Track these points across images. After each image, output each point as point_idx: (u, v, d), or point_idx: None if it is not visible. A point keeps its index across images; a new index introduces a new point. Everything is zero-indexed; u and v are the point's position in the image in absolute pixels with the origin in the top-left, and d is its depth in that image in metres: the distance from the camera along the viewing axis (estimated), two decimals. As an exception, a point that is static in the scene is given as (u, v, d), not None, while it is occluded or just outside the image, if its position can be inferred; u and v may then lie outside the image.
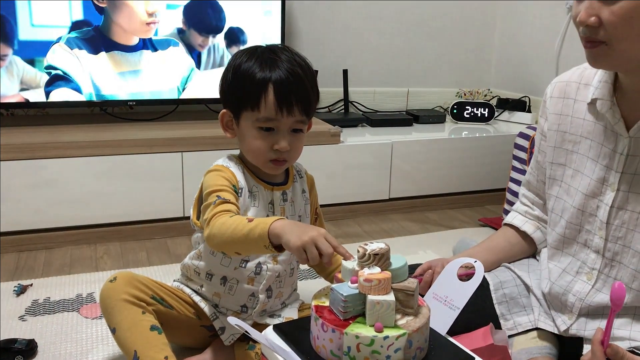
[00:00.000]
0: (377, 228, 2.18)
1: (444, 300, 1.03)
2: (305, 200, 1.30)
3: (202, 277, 1.24)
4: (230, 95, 1.18)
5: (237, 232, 1.01)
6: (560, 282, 1.20)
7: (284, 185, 1.25)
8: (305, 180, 1.32)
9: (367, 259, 0.91)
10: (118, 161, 1.94)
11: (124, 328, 1.12)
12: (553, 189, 1.25)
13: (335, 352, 0.88)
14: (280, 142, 1.15)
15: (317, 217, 1.36)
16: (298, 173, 1.31)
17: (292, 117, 1.14)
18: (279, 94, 1.12)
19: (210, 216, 1.07)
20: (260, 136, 1.15)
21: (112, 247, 1.94)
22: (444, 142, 2.40)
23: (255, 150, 1.17)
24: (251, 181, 1.21)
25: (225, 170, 1.18)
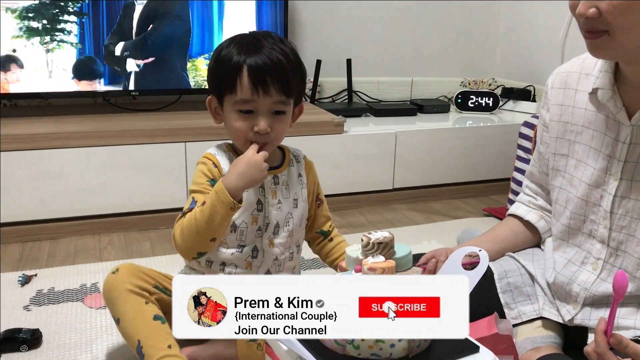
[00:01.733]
0: (381, 218, 2.18)
1: (448, 289, 1.02)
2: (301, 184, 1.29)
3: (203, 264, 1.24)
4: (212, 81, 1.20)
5: (198, 222, 1.08)
6: (565, 272, 1.19)
7: (277, 168, 1.25)
8: (302, 165, 1.31)
9: (371, 248, 0.91)
10: (121, 151, 1.93)
11: (128, 318, 1.12)
12: (556, 180, 1.24)
13: (340, 341, 0.87)
14: (259, 123, 1.15)
15: (319, 203, 1.34)
16: (295, 157, 1.30)
17: (270, 97, 1.14)
18: (253, 74, 1.12)
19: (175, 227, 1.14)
20: (239, 118, 1.16)
21: (115, 237, 1.94)
22: (448, 132, 2.39)
23: (236, 133, 1.17)
24: None
25: (210, 161, 1.19)
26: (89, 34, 2.08)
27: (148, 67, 2.17)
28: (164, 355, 1.08)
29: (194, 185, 1.18)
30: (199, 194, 1.15)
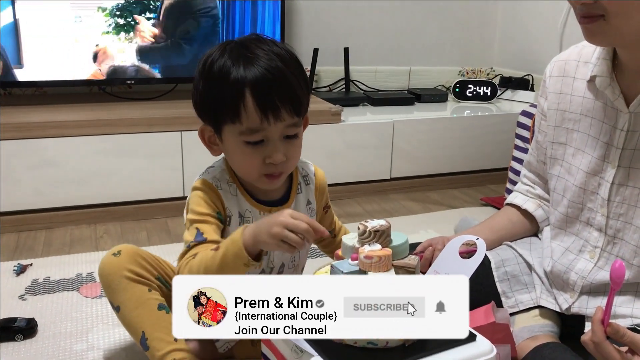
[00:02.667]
0: (378, 208, 2.17)
1: (446, 278, 1.01)
2: (310, 212, 1.16)
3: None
4: (205, 108, 1.03)
5: (208, 268, 0.93)
6: (563, 260, 1.19)
7: (285, 203, 1.12)
8: (312, 188, 1.17)
9: (368, 236, 0.90)
10: (117, 140, 1.92)
11: (130, 307, 1.07)
12: (554, 168, 1.24)
13: (336, 330, 0.87)
14: (273, 155, 1.00)
15: (327, 210, 1.24)
16: (304, 179, 1.16)
17: (281, 122, 0.98)
18: (259, 97, 0.96)
19: (179, 267, 1.00)
20: (248, 152, 1.00)
21: (111, 227, 1.93)
22: (446, 121, 2.38)
23: (246, 168, 1.04)
24: (244, 204, 1.08)
25: (212, 192, 1.05)
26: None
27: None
28: (172, 350, 1.05)
29: (194, 215, 1.03)
30: (204, 225, 1.02)
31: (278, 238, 0.88)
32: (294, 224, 0.88)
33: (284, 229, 0.88)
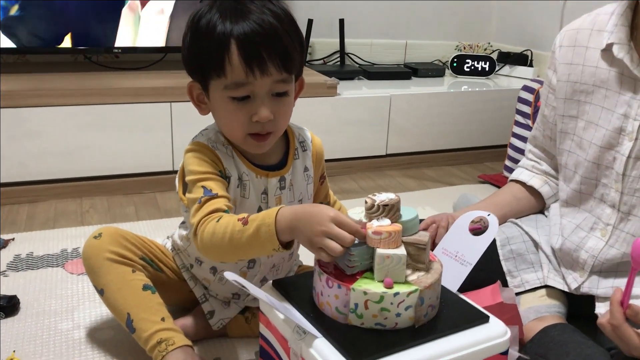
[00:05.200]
0: (373, 184, 2.12)
1: (454, 256, 0.96)
2: (307, 179, 1.10)
3: (192, 259, 1.13)
4: (192, 62, 0.98)
5: (234, 241, 0.86)
6: (573, 238, 1.14)
7: (282, 168, 1.06)
8: (309, 154, 1.11)
9: (376, 210, 0.84)
10: (104, 111, 1.84)
11: (114, 289, 1.04)
12: (565, 143, 1.19)
13: (341, 309, 0.81)
14: (259, 111, 0.94)
15: (322, 181, 1.18)
16: (301, 145, 1.09)
17: (268, 76, 0.93)
18: (244, 49, 0.90)
19: (197, 223, 0.91)
20: (234, 108, 0.95)
21: (98, 201, 1.86)
22: (443, 97, 2.32)
23: (230, 126, 0.97)
24: (241, 167, 1.02)
25: (209, 152, 0.99)
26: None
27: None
28: (159, 330, 1.01)
29: (194, 175, 0.96)
30: (209, 182, 0.95)
31: (318, 246, 0.81)
32: (340, 237, 0.79)
33: (326, 237, 0.80)
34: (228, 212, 0.93)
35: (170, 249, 1.18)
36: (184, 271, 1.15)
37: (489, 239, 0.94)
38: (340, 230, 0.80)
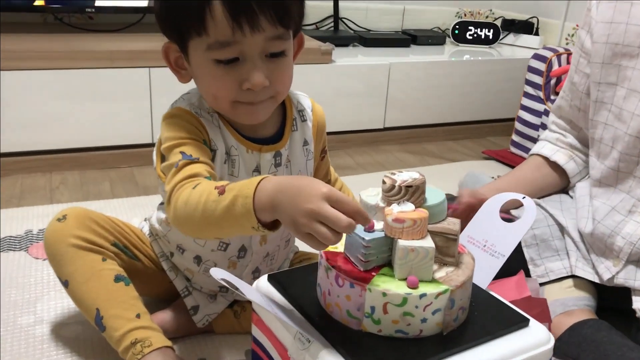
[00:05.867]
0: (370, 160, 1.97)
1: (483, 246, 0.82)
2: (307, 154, 0.95)
3: (173, 246, 0.98)
4: (166, 18, 0.82)
5: (207, 213, 0.70)
6: (608, 221, 1.00)
7: (278, 142, 0.90)
8: (309, 125, 0.95)
9: (397, 193, 0.69)
10: (76, 77, 1.67)
11: (81, 280, 0.89)
12: (600, 114, 1.04)
13: (354, 313, 0.67)
14: (251, 76, 0.78)
15: (323, 156, 1.02)
16: (300, 114, 0.94)
17: (260, 32, 0.76)
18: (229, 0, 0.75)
19: (171, 190, 0.76)
20: (220, 74, 0.79)
21: (69, 176, 1.70)
22: (444, 66, 2.15)
23: (215, 95, 0.81)
24: (229, 139, 0.86)
25: (192, 118, 0.84)
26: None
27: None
28: (133, 328, 0.86)
29: (172, 141, 0.81)
30: (188, 147, 0.80)
31: (304, 230, 0.62)
32: (333, 218, 0.61)
33: (315, 221, 0.61)
34: (210, 179, 0.78)
35: (147, 235, 1.02)
36: (164, 260, 1.00)
37: (525, 227, 0.79)
38: (333, 211, 0.61)
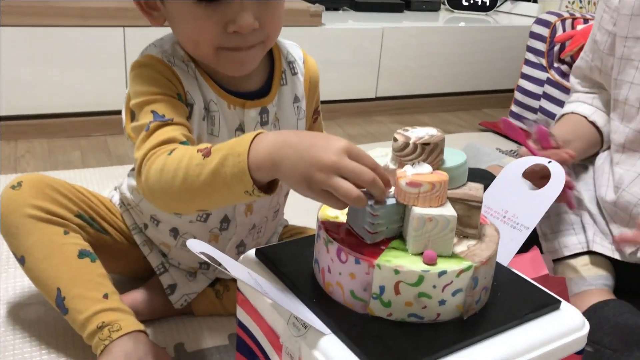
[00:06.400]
0: (362, 131, 1.86)
1: (503, 217, 0.72)
2: (298, 112, 0.84)
3: (146, 217, 0.87)
4: None
5: (190, 180, 0.60)
6: (634, 189, 0.91)
7: (264, 97, 0.80)
8: (301, 79, 0.84)
9: (411, 152, 0.58)
10: (42, 35, 1.53)
11: (39, 256, 0.78)
12: (626, 72, 0.94)
13: (359, 294, 0.56)
14: (238, 18, 0.68)
15: (316, 117, 0.91)
16: (290, 66, 0.83)
17: None
18: None
19: (142, 157, 0.66)
20: (200, 14, 0.68)
21: (37, 144, 1.57)
22: (438, 33, 2.04)
23: (196, 40, 0.71)
24: (208, 92, 0.76)
25: (164, 68, 0.73)
26: None
27: None
28: (100, 310, 0.76)
29: (141, 97, 0.71)
30: (159, 104, 0.70)
31: (320, 187, 0.53)
32: (357, 171, 0.52)
33: (335, 175, 0.53)
34: (187, 144, 0.67)
35: (118, 205, 0.91)
36: (136, 234, 0.89)
37: (552, 195, 0.69)
38: (356, 164, 0.53)
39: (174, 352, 0.85)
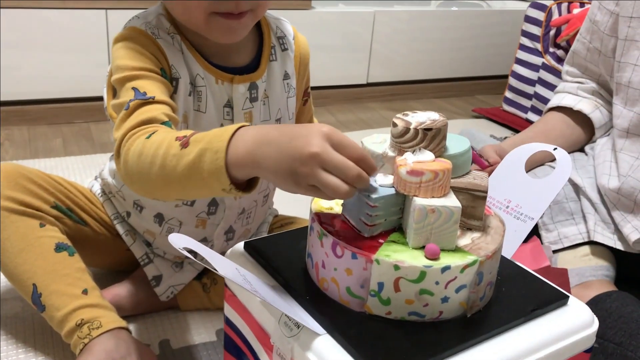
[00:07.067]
0: (353, 118, 1.82)
1: (506, 207, 0.68)
2: (288, 90, 0.81)
3: (129, 204, 0.82)
4: None
5: (167, 170, 0.57)
6: (638, 174, 0.88)
7: (253, 72, 0.76)
8: (291, 55, 0.81)
9: (412, 138, 0.54)
10: (22, 18, 1.48)
11: (13, 251, 0.74)
12: (630, 54, 0.91)
13: (356, 291, 0.52)
14: None
15: (306, 99, 0.89)
16: (280, 42, 0.80)
17: None
18: None
19: (120, 138, 0.62)
20: None
21: (17, 131, 1.52)
22: (430, 17, 2.00)
23: (188, 4, 0.67)
24: (194, 66, 0.73)
25: (147, 41, 0.70)
26: None
27: None
28: (79, 307, 0.72)
29: (123, 72, 0.67)
30: (142, 81, 0.67)
31: (308, 182, 0.50)
32: (341, 165, 0.49)
33: (321, 168, 0.49)
34: (170, 126, 0.63)
35: (99, 194, 0.86)
36: (118, 223, 0.84)
37: (558, 184, 0.66)
38: (340, 157, 0.49)
39: (158, 349, 0.81)
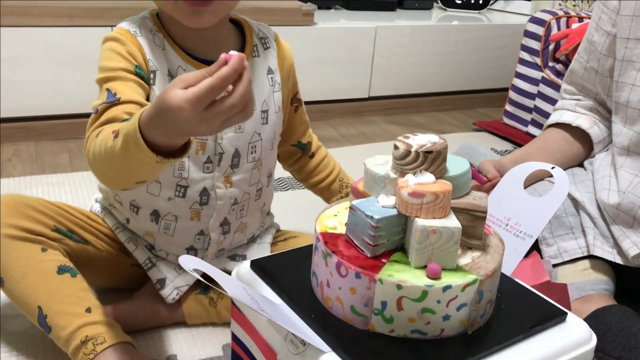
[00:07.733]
0: (355, 131, 1.83)
1: (505, 225, 0.70)
2: (273, 84, 0.85)
3: (126, 207, 0.85)
4: None
5: (114, 160, 0.64)
6: (638, 191, 0.89)
7: None
8: (274, 54, 0.86)
9: (413, 160, 0.56)
10: (30, 36, 1.49)
11: (17, 276, 0.76)
12: (628, 74, 0.93)
13: (360, 310, 0.54)
14: None
15: (297, 106, 0.93)
16: (262, 41, 0.85)
17: None
18: None
19: (85, 141, 0.70)
20: None
21: (24, 147, 1.53)
22: (431, 32, 2.02)
23: None
24: (174, 59, 0.78)
25: (127, 39, 0.76)
26: None
27: None
28: (83, 325, 0.73)
29: (103, 73, 0.75)
30: (115, 82, 0.74)
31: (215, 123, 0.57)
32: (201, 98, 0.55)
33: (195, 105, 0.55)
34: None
35: (99, 212, 0.89)
36: (120, 232, 0.87)
37: (556, 202, 0.67)
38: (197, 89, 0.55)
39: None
